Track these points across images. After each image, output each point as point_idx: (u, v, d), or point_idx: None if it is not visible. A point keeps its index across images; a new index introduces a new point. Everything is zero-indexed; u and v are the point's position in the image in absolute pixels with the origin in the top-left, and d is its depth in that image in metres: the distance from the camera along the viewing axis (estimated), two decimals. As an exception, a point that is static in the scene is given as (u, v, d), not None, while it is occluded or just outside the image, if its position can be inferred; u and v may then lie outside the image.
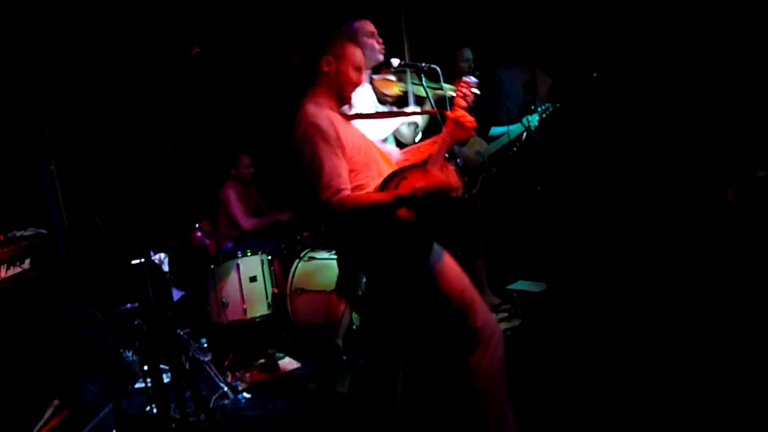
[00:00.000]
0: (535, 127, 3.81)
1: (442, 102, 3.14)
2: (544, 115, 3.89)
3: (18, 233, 3.10)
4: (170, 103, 4.05)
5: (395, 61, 2.85)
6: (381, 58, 3.04)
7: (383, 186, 2.12)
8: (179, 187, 4.44)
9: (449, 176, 2.17)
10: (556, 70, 4.38)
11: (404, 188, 2.08)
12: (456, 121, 2.26)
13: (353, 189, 2.12)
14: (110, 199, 3.85)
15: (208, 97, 4.35)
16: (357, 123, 2.42)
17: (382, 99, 3.14)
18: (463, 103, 2.32)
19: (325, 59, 2.23)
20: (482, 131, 4.20)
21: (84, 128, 4.32)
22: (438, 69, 2.73)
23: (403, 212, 2.09)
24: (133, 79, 4.38)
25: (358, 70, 2.28)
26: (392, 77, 3.13)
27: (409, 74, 3.18)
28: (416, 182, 2.08)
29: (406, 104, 3.26)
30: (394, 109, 3.17)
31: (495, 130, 4.10)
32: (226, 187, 4.61)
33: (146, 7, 4.26)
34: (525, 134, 3.84)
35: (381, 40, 3.02)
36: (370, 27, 3.04)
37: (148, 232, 3.16)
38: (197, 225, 3.97)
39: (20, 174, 3.90)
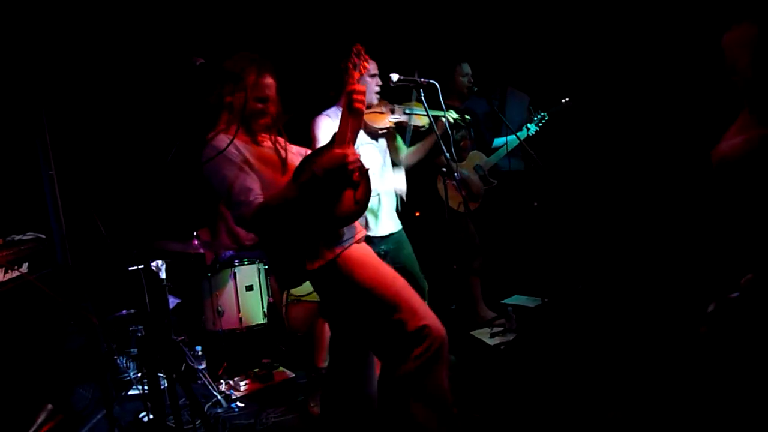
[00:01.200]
0: (531, 135, 3.87)
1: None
2: (540, 124, 3.94)
3: (17, 237, 3.11)
4: (173, 112, 4.09)
5: (394, 76, 2.89)
6: (375, 100, 3.00)
7: (294, 176, 2.05)
8: (180, 195, 4.46)
9: (348, 149, 2.04)
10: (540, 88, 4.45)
11: (304, 175, 2.02)
12: (349, 95, 2.12)
13: None
14: (110, 205, 3.87)
15: (210, 108, 4.38)
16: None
17: (372, 133, 3.08)
18: (356, 73, 2.17)
19: (227, 88, 2.19)
20: (483, 144, 4.25)
21: (86, 134, 4.35)
22: (437, 84, 2.77)
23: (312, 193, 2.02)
24: (136, 87, 4.41)
25: (263, 100, 2.21)
26: (383, 109, 3.11)
27: (408, 107, 3.15)
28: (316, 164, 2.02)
29: (401, 135, 3.24)
30: (385, 141, 3.15)
31: (497, 142, 4.16)
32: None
33: (151, 18, 4.30)
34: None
35: (380, 82, 2.97)
36: (373, 68, 2.97)
37: (148, 238, 3.17)
38: (195, 233, 3.98)
39: (21, 178, 3.92)
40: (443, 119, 3.23)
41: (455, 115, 3.36)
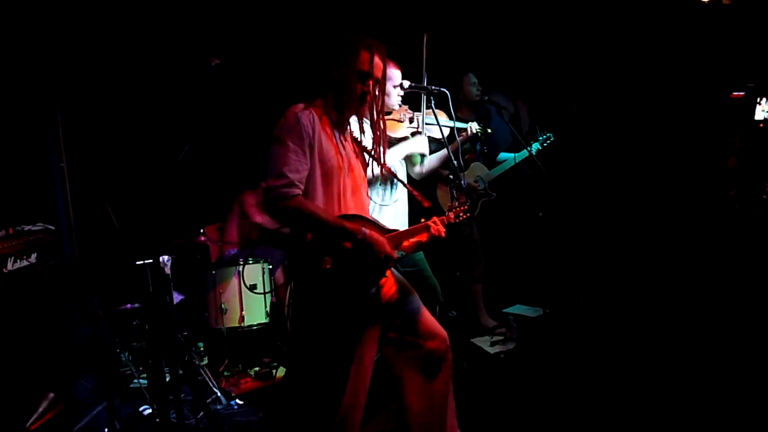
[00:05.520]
0: (535, 155, 3.87)
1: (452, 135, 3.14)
2: (545, 144, 3.94)
3: (26, 227, 3.14)
4: (186, 109, 4.13)
5: (405, 83, 2.91)
6: (396, 106, 2.99)
7: (347, 218, 2.12)
8: (190, 192, 4.49)
9: (392, 254, 2.16)
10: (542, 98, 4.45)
11: (352, 224, 2.09)
12: (429, 230, 2.29)
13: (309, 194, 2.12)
14: (119, 200, 3.91)
15: (224, 107, 4.42)
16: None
17: (389, 142, 2.98)
18: (452, 219, 2.38)
19: (334, 65, 2.19)
20: (487, 156, 4.27)
21: (97, 128, 4.39)
22: (447, 93, 2.78)
23: (346, 245, 2.10)
24: (151, 83, 4.45)
25: (365, 77, 2.17)
26: (402, 116, 3.10)
27: (423, 114, 3.12)
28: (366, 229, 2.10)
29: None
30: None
31: (502, 156, 4.17)
32: (247, 196, 4.52)
33: (168, 15, 4.34)
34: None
35: (401, 93, 2.96)
36: (398, 77, 2.93)
37: (156, 234, 3.21)
38: (202, 230, 4.01)
39: (32, 169, 3.96)
40: (466, 131, 3.24)
41: (477, 127, 3.36)
